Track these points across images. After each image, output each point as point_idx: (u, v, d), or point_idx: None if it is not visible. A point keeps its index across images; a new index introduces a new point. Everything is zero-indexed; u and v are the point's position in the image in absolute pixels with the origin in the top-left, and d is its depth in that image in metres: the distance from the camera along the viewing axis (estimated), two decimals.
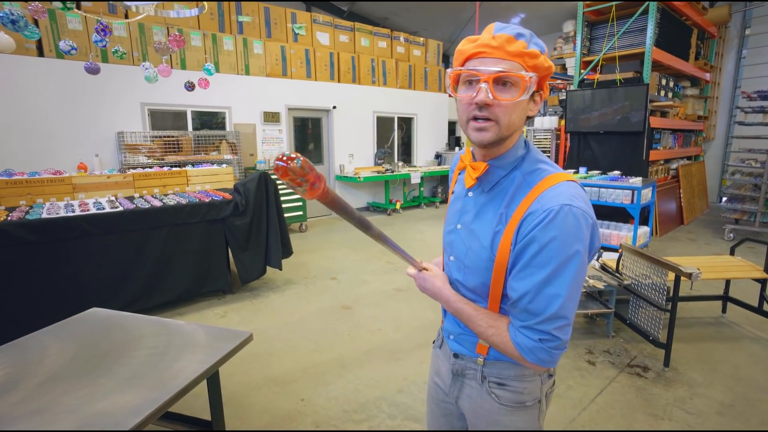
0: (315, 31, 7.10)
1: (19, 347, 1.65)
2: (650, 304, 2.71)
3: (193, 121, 5.91)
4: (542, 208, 0.79)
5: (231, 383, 2.46)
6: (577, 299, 0.83)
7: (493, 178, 0.90)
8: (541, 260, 0.79)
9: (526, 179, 0.86)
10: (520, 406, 0.95)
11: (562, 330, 0.81)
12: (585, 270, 0.82)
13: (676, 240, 5.76)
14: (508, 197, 0.87)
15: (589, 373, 2.54)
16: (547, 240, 0.78)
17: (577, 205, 0.79)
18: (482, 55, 0.80)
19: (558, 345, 0.81)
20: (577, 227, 0.78)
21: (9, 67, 4.56)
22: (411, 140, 8.92)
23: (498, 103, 0.80)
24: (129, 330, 1.81)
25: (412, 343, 2.94)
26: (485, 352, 0.96)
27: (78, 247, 2.95)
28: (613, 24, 5.85)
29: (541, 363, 0.82)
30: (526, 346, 0.82)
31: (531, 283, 0.80)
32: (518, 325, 0.84)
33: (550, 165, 0.89)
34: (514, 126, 0.84)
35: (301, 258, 4.86)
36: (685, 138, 7.22)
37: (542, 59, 0.81)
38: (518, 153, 0.89)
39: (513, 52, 0.79)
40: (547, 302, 0.79)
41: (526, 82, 0.79)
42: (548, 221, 0.78)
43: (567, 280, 0.79)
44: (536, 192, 0.83)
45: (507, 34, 0.79)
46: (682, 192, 6.74)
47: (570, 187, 0.82)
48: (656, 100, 5.94)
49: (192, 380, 1.42)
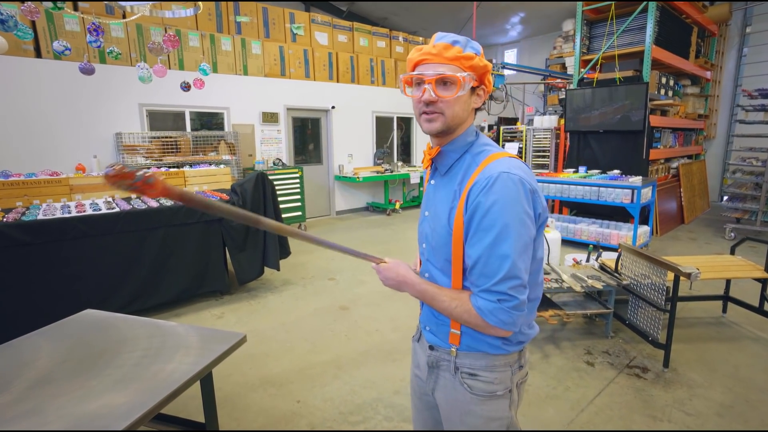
0: (313, 31, 7.09)
1: (12, 348, 1.64)
2: (649, 305, 2.69)
3: (191, 122, 5.90)
4: (483, 177, 0.91)
5: (227, 384, 2.45)
6: (527, 262, 0.91)
7: (447, 161, 1.02)
8: (486, 223, 0.89)
9: (474, 159, 0.98)
10: (491, 396, 1.01)
11: (517, 290, 0.88)
12: (529, 234, 0.91)
13: (676, 239, 5.73)
14: (460, 176, 0.98)
15: (588, 374, 2.52)
16: (489, 204, 0.88)
17: (515, 172, 0.89)
18: (426, 61, 0.95)
19: (516, 305, 0.88)
20: (516, 191, 0.88)
21: (6, 68, 4.55)
22: (410, 140, 8.90)
23: (441, 99, 0.94)
24: (122, 331, 1.80)
25: (410, 343, 2.92)
26: (457, 342, 1.02)
27: (74, 249, 2.94)
28: (612, 22, 5.83)
29: (502, 325, 0.90)
30: (486, 308, 0.89)
31: (482, 247, 0.89)
32: (477, 291, 0.92)
33: (495, 147, 1.01)
34: (459, 117, 0.97)
35: (300, 258, 4.85)
36: (686, 137, 7.19)
37: (477, 60, 0.94)
38: (468, 139, 1.01)
39: (450, 57, 0.93)
40: (499, 263, 0.87)
41: (461, 81, 0.93)
42: (489, 186, 0.89)
43: (512, 239, 0.87)
44: (481, 167, 0.94)
45: (444, 42, 0.94)
46: (682, 191, 6.71)
47: (510, 160, 0.94)
48: (656, 98, 5.91)
49: (184, 382, 1.41)
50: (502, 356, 1.01)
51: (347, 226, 6.85)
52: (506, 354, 1.01)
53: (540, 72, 8.52)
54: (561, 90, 8.24)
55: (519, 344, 1.02)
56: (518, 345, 1.02)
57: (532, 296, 1.00)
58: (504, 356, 1.01)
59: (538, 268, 1.00)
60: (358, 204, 7.99)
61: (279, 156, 6.71)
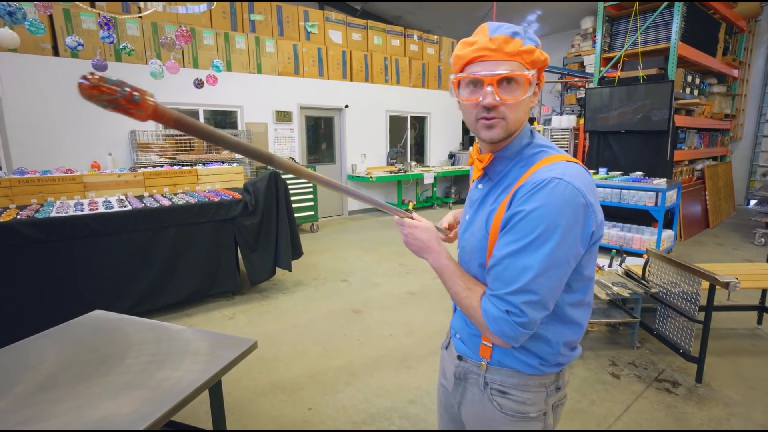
0: (327, 30, 7.02)
1: (17, 351, 1.59)
2: (680, 315, 2.54)
3: (205, 120, 5.89)
4: (533, 180, 0.80)
5: (237, 389, 2.38)
6: (555, 281, 0.79)
7: (500, 168, 0.91)
8: (520, 228, 0.78)
9: (528, 161, 0.87)
10: (523, 417, 0.92)
11: (531, 307, 0.78)
12: (568, 252, 0.79)
13: (701, 244, 5.50)
14: (509, 179, 0.88)
15: (614, 387, 2.39)
16: (530, 209, 0.77)
17: (569, 180, 0.78)
18: (482, 58, 0.81)
19: (524, 322, 0.79)
20: (565, 202, 0.77)
21: (25, 66, 4.59)
22: (424, 140, 8.78)
23: (504, 103, 0.81)
24: (129, 335, 1.73)
25: (425, 349, 2.82)
26: (488, 355, 0.93)
27: (86, 247, 2.92)
28: (635, 19, 5.62)
29: (503, 336, 0.80)
30: (492, 314, 0.81)
31: (507, 251, 0.79)
32: (489, 293, 0.83)
33: (553, 149, 0.89)
34: (521, 120, 0.86)
35: (312, 259, 4.78)
36: (711, 137, 6.93)
37: (537, 53, 0.83)
38: (523, 141, 0.90)
39: (512, 52, 0.80)
40: (519, 273, 0.78)
41: (529, 80, 0.81)
42: (535, 191, 0.78)
43: (543, 254, 0.76)
44: (534, 169, 0.83)
45: (503, 34, 0.80)
46: (707, 194, 6.46)
47: (568, 165, 0.82)
48: (681, 97, 5.69)
49: (191, 392, 1.33)
50: (537, 376, 0.91)
51: (360, 226, 6.76)
52: (541, 375, 0.91)
53: (558, 71, 8.32)
54: (579, 89, 8.02)
55: (557, 366, 0.92)
56: (556, 367, 0.92)
57: (577, 317, 0.90)
58: (539, 377, 0.91)
59: (586, 288, 0.89)
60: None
61: (292, 155, 6.66)
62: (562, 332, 0.89)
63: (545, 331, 0.88)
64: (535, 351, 0.89)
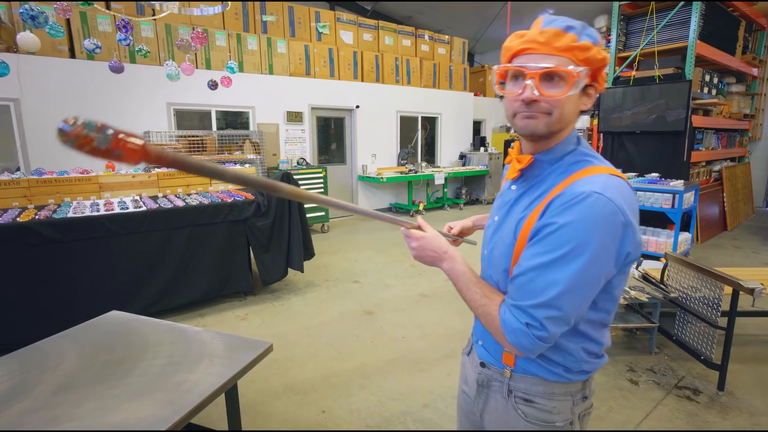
0: (339, 30, 7.03)
1: (37, 351, 1.61)
2: (701, 320, 2.48)
3: (217, 121, 5.93)
4: (570, 192, 0.75)
5: (250, 390, 2.38)
6: (582, 299, 0.76)
7: (538, 172, 0.86)
8: (551, 241, 0.75)
9: (567, 169, 0.82)
10: (548, 426, 0.89)
11: (553, 322, 0.75)
12: (600, 272, 0.75)
13: (719, 247, 5.39)
14: (545, 185, 0.83)
15: (632, 393, 2.34)
16: (563, 222, 0.74)
17: (610, 196, 0.73)
18: (529, 51, 0.78)
19: (544, 337, 0.76)
20: (602, 219, 0.72)
21: (43, 68, 4.66)
22: (435, 140, 8.74)
23: (545, 99, 0.77)
24: (146, 336, 1.74)
25: (438, 353, 2.80)
26: (512, 363, 0.91)
27: (102, 247, 2.95)
28: (651, 17, 5.52)
29: (520, 348, 0.78)
30: (511, 325, 0.78)
31: (535, 262, 0.76)
32: (510, 303, 0.80)
33: (597, 159, 0.84)
34: (566, 119, 0.80)
35: (323, 259, 4.78)
36: (729, 138, 6.78)
37: (594, 51, 0.77)
38: (568, 148, 0.85)
39: (561, 47, 0.76)
40: (545, 287, 0.75)
41: (574, 78, 0.75)
42: (571, 204, 0.74)
43: (571, 270, 0.73)
44: (573, 178, 0.78)
45: (555, 28, 0.76)
46: (725, 196, 6.32)
47: (610, 179, 0.77)
48: (699, 97, 5.58)
49: (208, 395, 1.33)
50: (562, 384, 0.88)
51: (370, 227, 6.75)
52: (567, 382, 0.88)
53: None
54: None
55: (583, 374, 0.89)
56: (582, 374, 0.89)
57: (596, 336, 0.87)
58: (564, 384, 0.88)
59: (611, 309, 0.86)
60: (381, 205, 7.89)
61: (303, 155, 6.68)
62: (579, 341, 0.86)
63: (566, 342, 0.85)
64: (555, 359, 0.87)
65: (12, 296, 2.67)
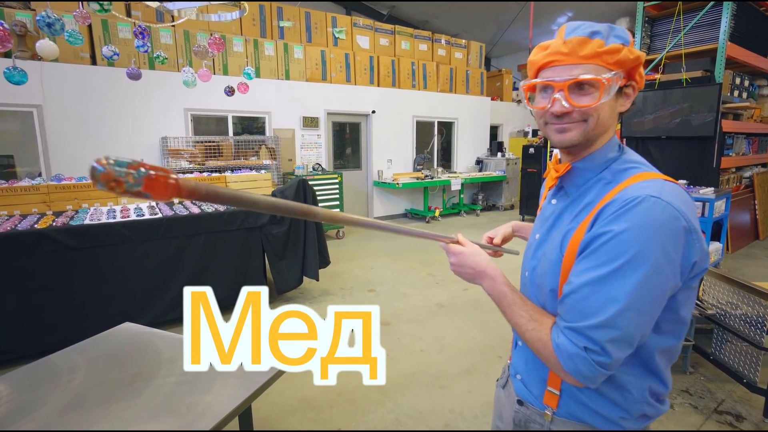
0: (355, 35, 7.00)
1: (48, 365, 1.57)
2: (742, 340, 2.32)
3: (233, 126, 5.94)
4: (622, 197, 0.68)
5: (264, 404, 2.31)
6: (647, 315, 0.68)
7: (579, 181, 0.80)
8: (605, 252, 0.67)
9: (615, 177, 0.75)
10: None
11: (615, 345, 0.66)
12: (664, 284, 0.67)
13: (752, 258, 5.14)
14: (590, 196, 0.76)
15: (668, 417, 2.19)
16: (618, 230, 0.66)
17: (668, 199, 0.66)
18: (555, 63, 0.74)
19: (605, 363, 0.67)
20: (662, 224, 0.65)
21: (66, 75, 4.73)
22: (451, 145, 8.62)
23: (577, 109, 0.73)
24: (159, 351, 1.69)
25: (458, 367, 2.69)
26: (554, 404, 0.81)
27: (118, 254, 2.93)
28: (678, 19, 5.33)
29: (578, 376, 0.69)
30: (567, 350, 0.69)
31: (588, 277, 0.68)
32: (563, 326, 0.71)
33: (646, 166, 0.77)
34: (603, 124, 0.75)
35: (338, 267, 4.71)
36: (761, 143, 6.50)
37: (625, 52, 0.72)
38: (609, 154, 0.78)
39: (588, 54, 0.71)
40: (602, 304, 0.66)
41: (605, 84, 0.71)
42: (625, 210, 0.67)
43: (631, 284, 0.65)
44: (623, 186, 0.72)
45: (579, 36, 0.72)
46: (757, 203, 6.05)
47: (665, 183, 0.70)
48: (728, 101, 5.35)
49: (221, 420, 1.26)
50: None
51: (385, 233, 6.66)
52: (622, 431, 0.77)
53: None
54: None
55: (643, 420, 0.78)
56: (642, 421, 0.78)
57: (663, 367, 0.76)
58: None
59: (679, 332, 0.76)
60: (396, 210, 7.80)
61: (318, 161, 6.65)
62: (645, 377, 0.75)
63: (625, 374, 0.74)
64: (612, 398, 0.76)
65: (28, 303, 2.66)
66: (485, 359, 2.78)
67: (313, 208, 0.73)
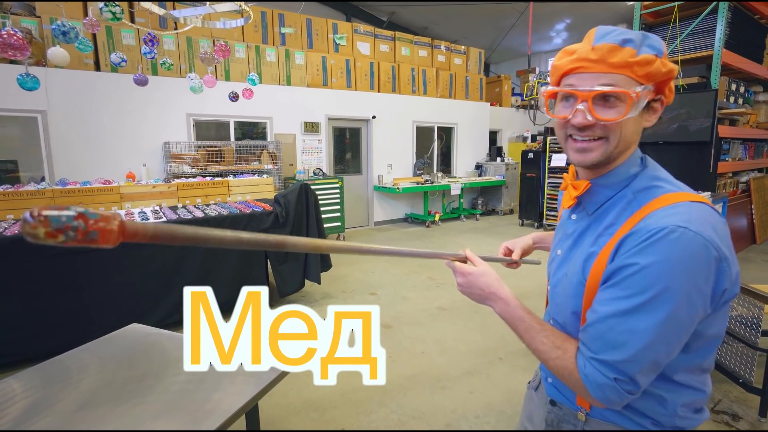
0: (356, 41, 7.08)
1: (59, 365, 1.60)
2: (738, 341, 2.35)
3: (235, 131, 6.00)
4: (648, 227, 0.65)
5: (268, 405, 2.34)
6: (675, 344, 0.66)
7: (598, 199, 0.77)
8: (632, 284, 0.65)
9: (636, 197, 0.72)
10: None
11: (644, 374, 0.66)
12: (693, 316, 0.65)
13: (749, 261, 5.18)
14: (611, 216, 0.74)
15: None
16: (645, 263, 0.63)
17: (697, 229, 0.62)
18: (581, 69, 0.69)
19: (634, 390, 0.67)
20: (691, 256, 0.62)
21: (70, 81, 4.79)
22: (451, 150, 8.69)
23: (600, 123, 0.69)
24: (167, 351, 1.72)
25: (459, 369, 2.72)
26: (588, 405, 0.80)
27: (122, 258, 2.97)
28: (675, 26, 5.42)
29: (607, 402, 0.68)
30: (595, 381, 0.67)
31: (614, 309, 0.66)
32: (589, 356, 0.69)
33: (671, 184, 0.73)
34: (626, 141, 0.72)
35: (339, 270, 4.75)
36: (757, 148, 6.57)
37: (658, 64, 0.67)
38: (631, 170, 0.75)
39: (618, 63, 0.67)
40: (629, 336, 0.65)
41: (633, 99, 0.66)
42: (652, 242, 0.63)
43: (659, 317, 0.63)
44: (646, 210, 0.68)
45: (609, 43, 0.67)
46: (753, 208, 6.11)
47: (693, 208, 0.66)
48: (725, 107, 5.43)
49: (230, 416, 1.30)
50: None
51: (386, 237, 6.71)
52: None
53: None
54: None
55: (675, 430, 0.76)
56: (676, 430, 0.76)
57: (693, 383, 0.74)
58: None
59: (707, 350, 0.73)
60: (396, 215, 7.85)
61: (319, 166, 6.70)
62: (675, 391, 0.74)
63: (659, 391, 0.73)
64: (643, 410, 0.74)
65: (35, 306, 2.69)
66: (486, 361, 2.81)
67: (288, 239, 0.69)
